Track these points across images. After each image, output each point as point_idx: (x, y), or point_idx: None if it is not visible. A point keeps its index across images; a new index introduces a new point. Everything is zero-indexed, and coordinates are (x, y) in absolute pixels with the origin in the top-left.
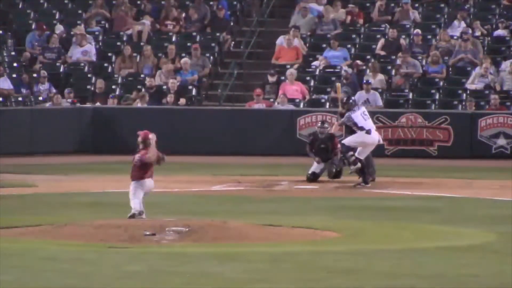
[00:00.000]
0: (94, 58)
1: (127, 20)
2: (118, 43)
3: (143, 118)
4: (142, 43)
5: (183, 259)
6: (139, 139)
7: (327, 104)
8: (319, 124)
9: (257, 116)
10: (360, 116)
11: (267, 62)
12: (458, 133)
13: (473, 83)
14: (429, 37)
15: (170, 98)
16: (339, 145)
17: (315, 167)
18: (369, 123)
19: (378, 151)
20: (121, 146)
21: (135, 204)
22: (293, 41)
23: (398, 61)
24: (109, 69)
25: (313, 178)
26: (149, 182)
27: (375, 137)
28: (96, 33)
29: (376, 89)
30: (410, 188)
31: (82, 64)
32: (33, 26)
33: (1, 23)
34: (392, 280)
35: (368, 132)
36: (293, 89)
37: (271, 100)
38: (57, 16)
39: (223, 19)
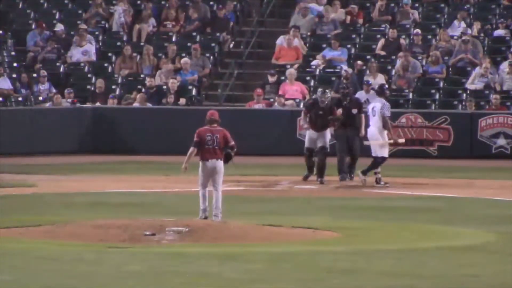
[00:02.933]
0: (94, 58)
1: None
2: (118, 43)
3: (143, 118)
4: (142, 43)
5: (183, 259)
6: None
7: None
8: (320, 93)
9: (257, 116)
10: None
11: (267, 62)
12: (458, 133)
13: (473, 83)
14: (429, 37)
15: (170, 98)
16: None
17: (309, 142)
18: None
19: None
20: (121, 146)
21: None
22: (293, 41)
23: (399, 63)
24: (109, 69)
25: (310, 154)
26: (209, 164)
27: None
28: (96, 33)
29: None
30: (410, 188)
31: (82, 64)
32: (33, 26)
33: (1, 23)
34: (392, 280)
35: None
36: (293, 89)
37: (271, 100)
38: (57, 16)
39: (223, 19)
